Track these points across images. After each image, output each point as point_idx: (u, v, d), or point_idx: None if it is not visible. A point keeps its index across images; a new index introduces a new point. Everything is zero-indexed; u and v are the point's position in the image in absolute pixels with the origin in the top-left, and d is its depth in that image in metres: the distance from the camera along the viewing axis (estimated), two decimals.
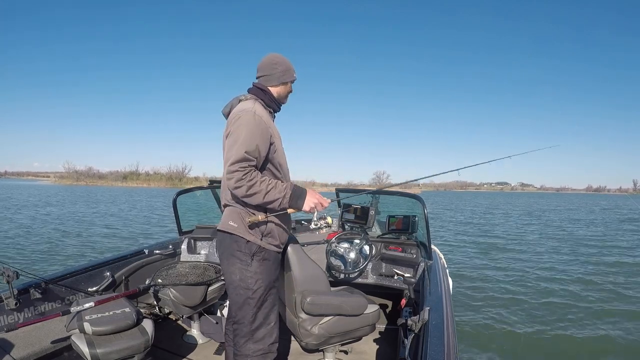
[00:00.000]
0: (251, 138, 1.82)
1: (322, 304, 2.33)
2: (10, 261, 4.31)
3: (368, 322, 2.52)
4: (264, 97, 2.02)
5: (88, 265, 3.04)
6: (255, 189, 1.80)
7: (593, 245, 11.98)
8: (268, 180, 1.85)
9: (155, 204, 27.12)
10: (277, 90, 2.06)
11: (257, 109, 1.91)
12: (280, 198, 1.85)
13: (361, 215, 3.66)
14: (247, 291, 1.93)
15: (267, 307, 1.99)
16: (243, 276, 1.93)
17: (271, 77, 2.03)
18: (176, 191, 4.01)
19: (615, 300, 6.30)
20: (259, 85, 2.05)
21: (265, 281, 1.96)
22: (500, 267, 8.68)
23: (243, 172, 1.78)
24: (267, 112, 2.00)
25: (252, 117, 1.86)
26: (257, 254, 1.94)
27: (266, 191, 1.82)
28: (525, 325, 5.12)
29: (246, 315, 1.95)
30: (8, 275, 2.31)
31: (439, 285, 2.50)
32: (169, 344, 3.06)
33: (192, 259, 3.73)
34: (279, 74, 2.04)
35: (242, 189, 1.79)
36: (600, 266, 8.90)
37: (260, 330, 1.97)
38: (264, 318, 1.98)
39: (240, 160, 1.78)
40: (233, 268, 1.94)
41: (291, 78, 2.08)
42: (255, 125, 1.85)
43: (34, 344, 2.25)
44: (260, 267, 1.95)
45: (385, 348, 3.06)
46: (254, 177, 1.80)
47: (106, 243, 10.51)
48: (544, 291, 6.76)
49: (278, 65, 2.04)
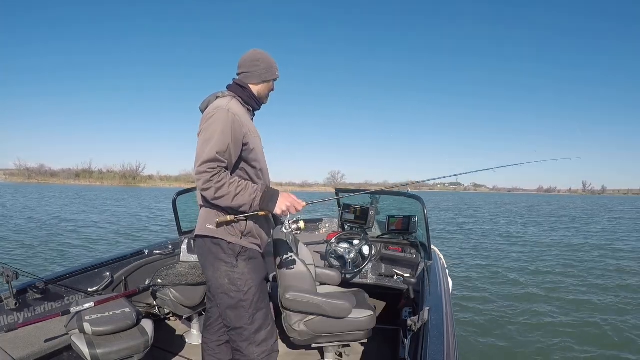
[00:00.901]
0: (223, 137, 1.74)
1: (301, 302, 2.40)
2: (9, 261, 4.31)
3: (359, 327, 2.53)
4: (243, 94, 1.93)
5: (88, 265, 3.03)
6: (223, 191, 1.72)
7: (592, 245, 12.01)
8: (238, 182, 1.77)
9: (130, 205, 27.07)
10: (257, 89, 1.97)
11: (232, 106, 1.83)
12: (250, 201, 1.77)
13: (361, 215, 3.66)
14: (239, 294, 1.85)
15: (264, 307, 1.93)
16: (231, 279, 1.85)
17: (252, 75, 1.95)
18: (176, 191, 4.01)
19: (616, 300, 6.31)
20: (239, 81, 1.96)
21: (255, 281, 1.89)
22: (499, 267, 8.69)
23: (211, 174, 1.70)
24: (244, 109, 1.92)
25: (224, 115, 1.77)
26: (242, 254, 1.86)
27: (235, 193, 1.73)
28: (525, 325, 5.13)
29: (242, 319, 1.86)
30: (8, 275, 2.32)
31: (438, 285, 2.50)
32: (169, 344, 3.05)
33: (192, 259, 3.72)
34: (260, 71, 1.95)
35: (210, 191, 1.71)
36: (601, 266, 8.91)
37: (262, 332, 1.91)
38: (263, 319, 1.92)
39: (210, 160, 1.70)
40: (219, 273, 1.86)
41: (273, 76, 1.99)
42: (228, 124, 1.76)
43: (33, 344, 2.25)
44: (248, 267, 1.88)
45: (385, 348, 3.06)
46: (222, 179, 1.72)
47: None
48: (544, 291, 6.77)
49: (260, 63, 1.95)
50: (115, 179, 71.24)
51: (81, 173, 72.51)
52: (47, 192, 34.57)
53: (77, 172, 72.78)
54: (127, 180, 70.75)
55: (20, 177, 67.88)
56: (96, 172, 73.95)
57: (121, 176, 72.02)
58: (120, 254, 3.37)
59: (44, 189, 42.64)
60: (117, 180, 70.60)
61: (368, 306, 2.66)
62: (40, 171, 71.11)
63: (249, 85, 1.95)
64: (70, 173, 72.43)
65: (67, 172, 73.19)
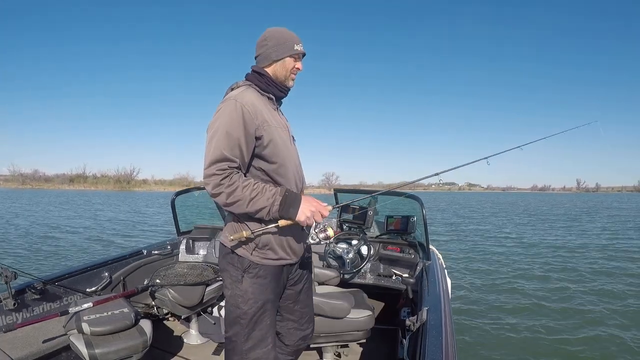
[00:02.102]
0: (230, 132, 1.52)
1: None
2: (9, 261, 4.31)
3: (357, 327, 2.54)
4: (260, 80, 1.71)
5: (86, 265, 3.04)
6: (237, 195, 1.51)
7: (589, 244, 12.03)
8: (253, 184, 1.55)
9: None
10: (272, 70, 1.73)
11: (244, 96, 1.61)
12: (268, 206, 1.54)
13: (359, 215, 3.66)
14: (237, 310, 1.69)
15: (263, 329, 1.71)
16: (233, 294, 1.71)
17: (263, 57, 1.73)
18: (174, 192, 4.02)
19: (615, 301, 6.32)
20: (255, 67, 1.76)
21: (257, 302, 1.68)
22: (499, 267, 8.70)
23: (221, 176, 1.50)
24: (263, 98, 1.70)
25: (232, 106, 1.56)
26: (249, 271, 1.67)
27: (250, 198, 1.52)
28: (525, 325, 5.13)
29: (238, 334, 1.71)
30: (6, 275, 2.32)
31: (437, 285, 2.51)
32: (167, 345, 3.05)
33: (191, 259, 3.73)
34: (269, 50, 1.71)
35: (222, 196, 1.51)
36: (602, 267, 8.93)
37: (255, 351, 1.72)
38: (258, 340, 1.71)
39: (218, 160, 1.50)
40: (226, 282, 1.74)
41: (287, 52, 1.71)
42: (237, 117, 1.54)
43: (32, 344, 2.25)
44: (253, 286, 1.67)
45: (383, 348, 3.06)
46: (234, 182, 1.51)
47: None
48: (543, 291, 6.78)
49: (268, 41, 1.71)
50: (110, 183, 71.08)
51: (75, 178, 72.34)
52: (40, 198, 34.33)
53: (71, 177, 72.63)
54: (121, 184, 70.54)
55: (14, 183, 67.72)
56: (90, 177, 73.79)
57: (115, 180, 71.88)
58: (119, 254, 3.37)
59: (37, 194, 42.42)
60: (111, 184, 70.43)
61: (366, 306, 2.67)
62: (34, 177, 70.90)
63: (264, 70, 1.73)
64: (64, 178, 72.30)
65: (61, 177, 73.15)
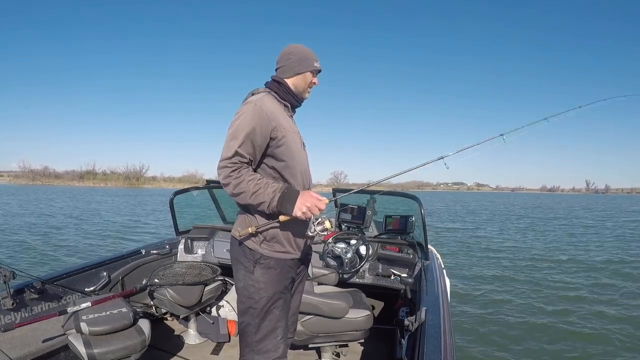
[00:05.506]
0: (246, 131, 1.70)
1: None
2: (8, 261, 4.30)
3: (356, 327, 2.54)
4: (279, 89, 1.89)
5: (85, 265, 3.03)
6: (242, 187, 1.68)
7: (587, 243, 12.06)
8: (257, 179, 1.71)
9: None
10: (292, 82, 1.91)
11: (263, 100, 1.78)
12: (268, 201, 1.69)
13: (358, 215, 3.67)
14: (250, 300, 1.82)
15: (274, 320, 1.83)
16: (246, 284, 1.83)
17: (286, 68, 1.91)
18: (173, 191, 4.01)
19: (616, 299, 6.34)
20: (275, 77, 1.93)
21: (268, 291, 1.81)
22: (498, 267, 8.72)
23: (232, 169, 1.68)
24: (280, 105, 1.87)
25: (252, 109, 1.73)
26: (260, 262, 1.80)
27: (252, 192, 1.68)
28: (524, 325, 5.14)
29: (250, 324, 1.83)
30: (5, 275, 2.32)
31: (435, 285, 2.51)
32: (166, 344, 3.06)
33: (189, 259, 3.73)
34: (293, 63, 1.90)
35: (230, 186, 1.69)
36: (602, 267, 8.95)
37: (265, 342, 1.83)
38: (269, 330, 1.83)
39: (232, 155, 1.68)
40: (238, 274, 1.86)
41: (309, 68, 1.91)
42: (254, 117, 1.71)
43: (30, 344, 2.25)
44: (264, 276, 1.80)
45: (382, 348, 3.07)
46: (242, 175, 1.68)
47: None
48: (543, 290, 6.80)
49: (292, 55, 1.90)
50: (119, 180, 71.37)
51: (85, 174, 72.84)
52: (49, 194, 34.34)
53: (81, 173, 73.16)
54: (130, 181, 70.90)
55: (24, 179, 67.92)
56: (100, 174, 74.21)
57: (125, 177, 72.23)
58: (118, 254, 3.37)
59: (47, 190, 42.37)
60: (120, 181, 70.76)
61: (365, 306, 2.67)
62: (44, 173, 71.10)
63: (284, 80, 1.91)
64: (74, 174, 72.69)
65: (71, 173, 73.48)
